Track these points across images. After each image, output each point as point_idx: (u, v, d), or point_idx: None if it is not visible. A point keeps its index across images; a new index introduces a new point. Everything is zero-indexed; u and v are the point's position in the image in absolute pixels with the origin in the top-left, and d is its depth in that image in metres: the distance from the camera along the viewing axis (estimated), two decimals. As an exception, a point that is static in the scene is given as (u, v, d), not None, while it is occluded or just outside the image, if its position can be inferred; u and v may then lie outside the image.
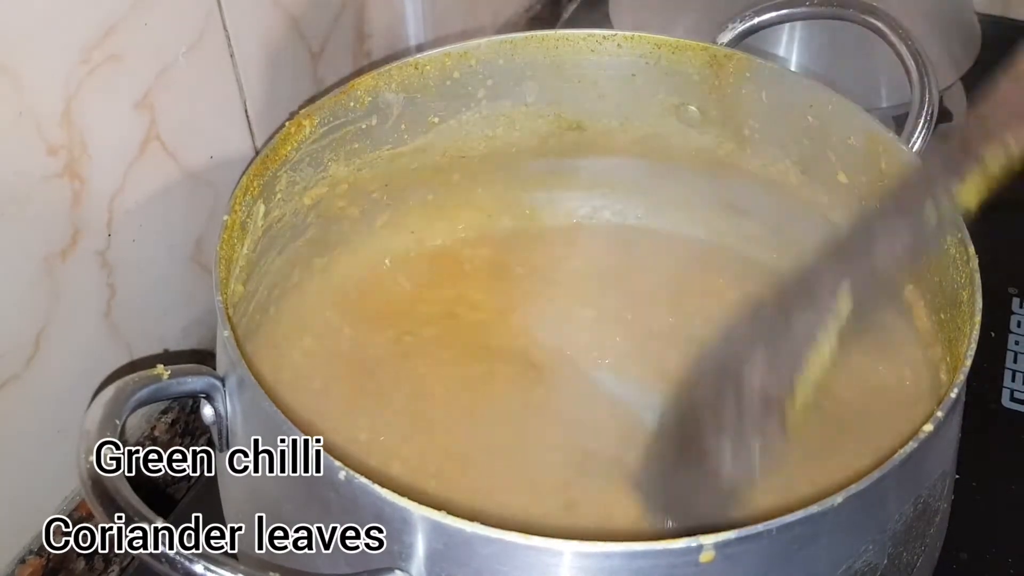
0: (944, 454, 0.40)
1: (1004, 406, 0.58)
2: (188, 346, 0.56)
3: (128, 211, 0.49)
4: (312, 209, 0.52)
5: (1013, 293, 0.65)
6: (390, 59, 0.52)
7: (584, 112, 0.56)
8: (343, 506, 0.34)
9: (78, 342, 0.48)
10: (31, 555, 0.48)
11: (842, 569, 0.35)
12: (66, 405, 0.48)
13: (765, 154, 0.54)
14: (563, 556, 0.31)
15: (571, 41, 0.54)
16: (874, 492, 0.33)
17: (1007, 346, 0.62)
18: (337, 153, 0.51)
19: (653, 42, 0.54)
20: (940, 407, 0.36)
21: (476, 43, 0.53)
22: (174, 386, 0.38)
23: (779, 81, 0.52)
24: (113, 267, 0.49)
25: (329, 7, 0.60)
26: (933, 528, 0.40)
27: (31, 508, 0.48)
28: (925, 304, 0.47)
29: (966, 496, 0.48)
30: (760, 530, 0.31)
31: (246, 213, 0.46)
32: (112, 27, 0.45)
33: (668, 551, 0.31)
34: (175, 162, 0.51)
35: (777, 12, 0.56)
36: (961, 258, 0.43)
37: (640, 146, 0.57)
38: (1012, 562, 0.50)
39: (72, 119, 0.44)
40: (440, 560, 0.33)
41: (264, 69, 0.55)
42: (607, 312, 0.55)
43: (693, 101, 0.55)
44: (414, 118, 0.53)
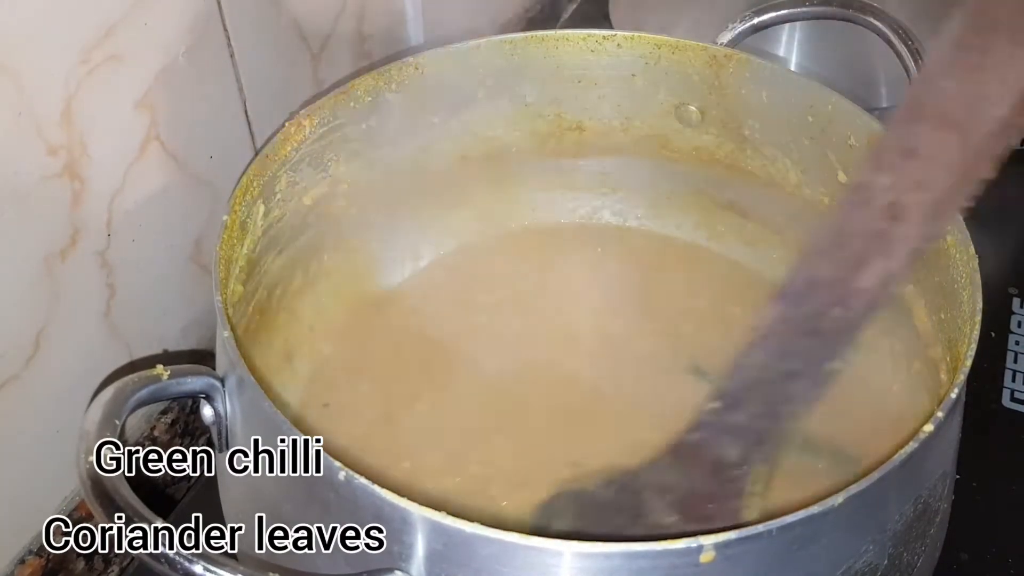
0: (944, 454, 0.40)
1: (1004, 406, 0.58)
2: (187, 346, 0.56)
3: (128, 211, 0.49)
4: (312, 209, 0.52)
5: (1013, 293, 0.65)
6: (390, 59, 0.52)
7: (584, 112, 0.56)
8: (343, 506, 0.34)
9: (78, 342, 0.48)
10: (31, 555, 0.48)
11: (842, 569, 0.35)
12: (66, 405, 0.48)
13: (765, 154, 0.54)
14: (563, 556, 0.31)
15: (571, 41, 0.54)
16: (874, 492, 0.33)
17: (1007, 346, 0.61)
18: (337, 153, 0.51)
19: (653, 42, 0.54)
20: (940, 407, 0.36)
21: (476, 43, 0.53)
22: (174, 386, 0.38)
23: (779, 81, 0.52)
24: (113, 267, 0.49)
25: (329, 7, 0.60)
26: (933, 528, 0.40)
27: (31, 508, 0.48)
28: (925, 304, 0.47)
29: (966, 496, 0.48)
30: (760, 530, 0.31)
31: (246, 213, 0.46)
32: (112, 27, 0.45)
33: (668, 551, 0.31)
34: (175, 162, 0.51)
35: (777, 12, 0.56)
36: (961, 258, 0.43)
37: (640, 146, 0.57)
38: (1012, 562, 0.50)
39: (72, 119, 0.44)
40: (440, 560, 0.33)
41: (264, 69, 0.55)
42: (607, 312, 0.55)
43: (693, 101, 0.55)
44: (414, 118, 0.53)
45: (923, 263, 0.46)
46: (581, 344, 0.53)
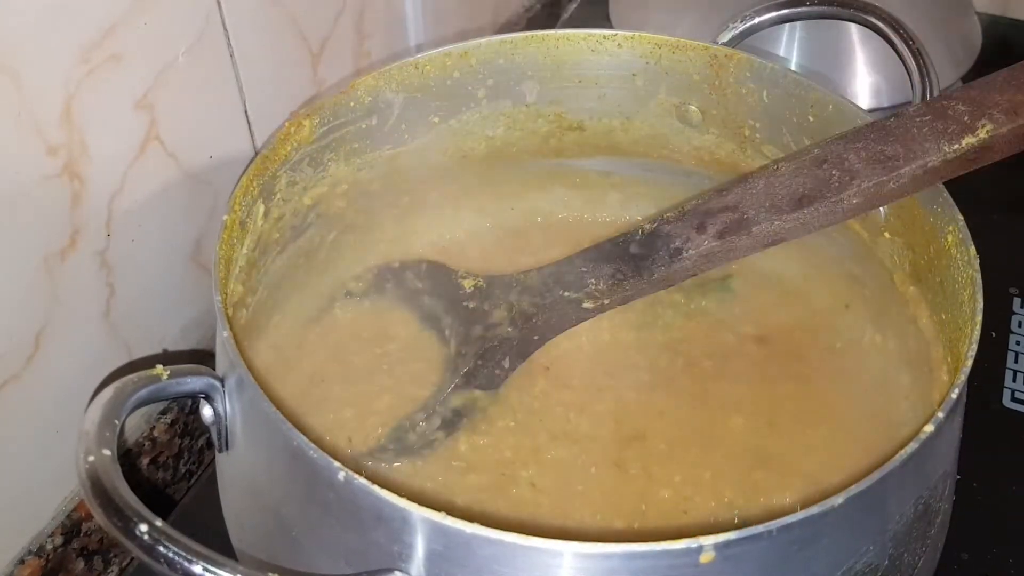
0: (945, 454, 0.40)
1: (1005, 406, 0.58)
2: (187, 346, 0.56)
3: (127, 211, 0.49)
4: (312, 209, 0.52)
5: (1013, 293, 0.65)
6: (390, 59, 0.52)
7: (584, 112, 0.56)
8: (343, 506, 0.34)
9: (77, 342, 0.48)
10: (30, 555, 0.48)
11: (843, 570, 0.35)
12: (65, 405, 0.48)
13: (765, 154, 0.54)
14: (563, 557, 0.31)
15: (571, 41, 0.54)
16: (875, 493, 0.33)
17: (1008, 346, 0.61)
18: (337, 153, 0.51)
19: (653, 42, 0.54)
20: (941, 407, 0.36)
21: (476, 43, 0.53)
22: (173, 386, 0.38)
23: (779, 81, 0.52)
24: (112, 267, 0.49)
25: (329, 7, 0.60)
26: (934, 529, 0.40)
27: (30, 508, 0.48)
28: (926, 304, 0.47)
29: (967, 496, 0.48)
30: (760, 531, 0.31)
31: (246, 213, 0.46)
32: (112, 27, 0.45)
33: (668, 552, 0.31)
34: (175, 162, 0.51)
35: (777, 12, 0.56)
36: (961, 258, 0.43)
37: (640, 146, 0.57)
38: (1013, 562, 0.50)
39: (72, 119, 0.44)
40: (440, 561, 0.33)
41: (264, 69, 0.55)
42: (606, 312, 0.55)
43: (693, 101, 0.55)
44: (414, 118, 0.53)
45: (924, 263, 0.46)
46: (581, 343, 0.53)
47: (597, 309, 0.49)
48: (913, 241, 0.47)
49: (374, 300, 0.55)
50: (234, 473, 0.42)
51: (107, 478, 0.33)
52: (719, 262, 0.46)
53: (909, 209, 0.47)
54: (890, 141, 0.43)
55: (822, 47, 0.71)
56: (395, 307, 0.55)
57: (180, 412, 0.55)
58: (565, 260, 0.50)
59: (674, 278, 0.47)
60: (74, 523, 0.50)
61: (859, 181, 0.43)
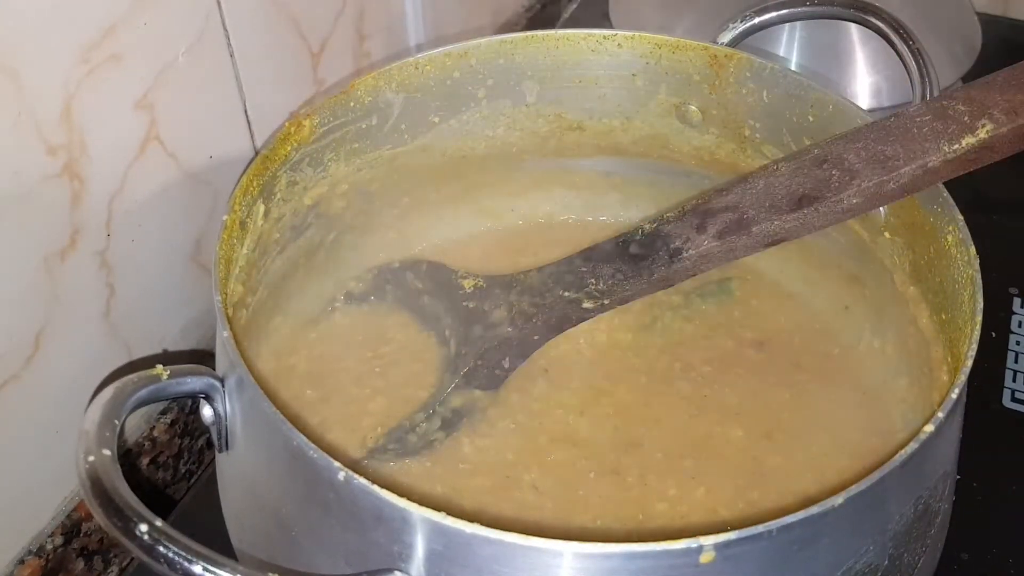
0: (945, 455, 0.40)
1: (1005, 406, 0.58)
2: (187, 346, 0.56)
3: (127, 211, 0.49)
4: (312, 209, 0.52)
5: (1013, 293, 0.65)
6: (390, 59, 0.52)
7: (584, 112, 0.56)
8: (343, 506, 0.34)
9: (77, 342, 0.48)
10: (30, 555, 0.48)
11: (842, 570, 0.35)
12: (65, 405, 0.48)
13: (765, 154, 0.54)
14: (563, 557, 0.31)
15: (571, 41, 0.54)
16: (875, 493, 0.33)
17: (1008, 346, 0.61)
18: (337, 153, 0.51)
19: (653, 42, 0.54)
20: (941, 407, 0.36)
21: (476, 43, 0.53)
22: (173, 386, 0.38)
23: (779, 81, 0.52)
24: (112, 267, 0.49)
25: (329, 7, 0.60)
26: (934, 529, 0.40)
27: (30, 508, 0.48)
28: (926, 304, 0.47)
29: (967, 497, 0.48)
30: (760, 531, 0.31)
31: (246, 213, 0.46)
32: (112, 27, 0.45)
33: (668, 552, 0.31)
34: (175, 162, 0.51)
35: (777, 12, 0.56)
36: (961, 258, 0.43)
37: (640, 146, 0.57)
38: (1013, 563, 0.50)
39: (72, 119, 0.44)
40: (440, 561, 0.33)
41: (264, 69, 0.55)
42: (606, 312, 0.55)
43: (693, 101, 0.55)
44: (414, 118, 0.53)
45: (924, 264, 0.47)
46: (579, 345, 0.53)
47: (597, 309, 0.49)
48: (913, 241, 0.47)
49: (374, 301, 0.55)
50: (234, 473, 0.42)
51: (107, 478, 0.33)
52: (719, 262, 0.46)
53: (909, 209, 0.47)
54: (890, 141, 0.43)
55: (822, 47, 0.71)
56: (395, 307, 0.55)
57: (180, 412, 0.55)
58: (565, 260, 0.50)
59: (674, 278, 0.47)
60: (74, 523, 0.50)
61: (859, 181, 0.43)
